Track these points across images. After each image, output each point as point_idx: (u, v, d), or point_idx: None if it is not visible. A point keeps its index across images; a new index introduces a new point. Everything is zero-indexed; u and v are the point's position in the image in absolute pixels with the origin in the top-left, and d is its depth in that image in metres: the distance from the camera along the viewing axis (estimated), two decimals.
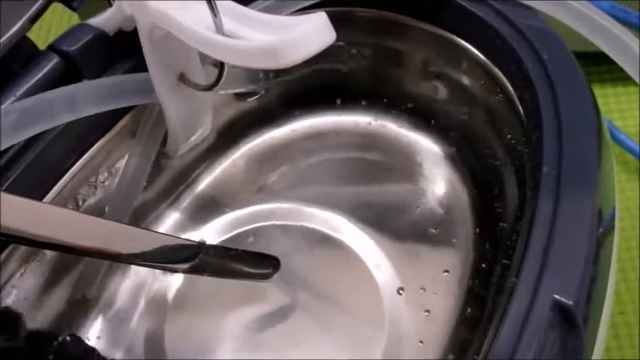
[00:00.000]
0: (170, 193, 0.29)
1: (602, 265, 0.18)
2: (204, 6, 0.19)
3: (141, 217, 0.27)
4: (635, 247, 0.31)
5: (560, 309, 0.17)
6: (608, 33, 0.20)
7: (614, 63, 0.24)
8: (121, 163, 0.26)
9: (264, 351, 0.26)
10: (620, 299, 0.29)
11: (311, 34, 0.17)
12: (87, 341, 0.26)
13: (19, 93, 0.22)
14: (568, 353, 0.17)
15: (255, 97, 0.29)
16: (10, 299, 0.24)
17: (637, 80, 0.21)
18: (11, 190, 0.21)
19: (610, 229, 0.19)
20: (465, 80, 0.26)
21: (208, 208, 0.29)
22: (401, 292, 0.25)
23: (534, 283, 0.17)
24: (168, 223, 0.29)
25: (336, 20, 0.23)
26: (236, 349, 0.25)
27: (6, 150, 0.21)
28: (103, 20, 0.23)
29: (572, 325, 0.17)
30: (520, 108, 0.22)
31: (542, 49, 0.21)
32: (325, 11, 0.22)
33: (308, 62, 0.18)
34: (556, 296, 0.16)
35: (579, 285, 0.17)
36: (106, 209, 0.26)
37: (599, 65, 0.35)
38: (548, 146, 0.19)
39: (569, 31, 0.22)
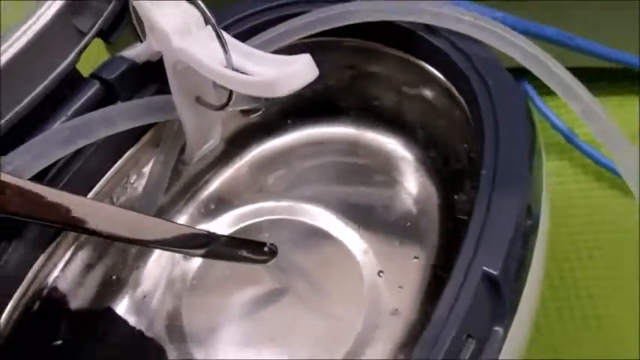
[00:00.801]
0: (186, 193, 0.31)
1: (529, 250, 0.21)
2: (218, 45, 0.21)
3: (163, 212, 0.29)
4: (591, 240, 0.33)
5: (488, 279, 0.19)
6: (529, 55, 0.23)
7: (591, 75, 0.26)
8: (147, 168, 0.28)
9: (261, 324, 0.27)
10: (566, 285, 0.31)
11: (299, 72, 0.19)
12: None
13: (69, 113, 0.24)
14: (497, 322, 0.20)
15: (258, 113, 0.31)
16: (59, 282, 0.26)
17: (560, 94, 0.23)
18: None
19: (536, 223, 0.22)
20: (432, 98, 0.27)
21: (217, 205, 0.31)
22: (381, 274, 0.27)
23: (469, 261, 0.19)
24: (184, 217, 0.30)
25: (326, 47, 0.27)
26: (239, 324, 0.27)
27: (57, 160, 0.23)
28: (135, 53, 0.25)
29: (498, 293, 0.19)
30: (472, 122, 0.24)
31: (486, 75, 0.23)
32: (317, 40, 0.26)
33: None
34: (485, 268, 0.19)
35: (504, 259, 0.19)
36: (136, 206, 0.27)
37: None
38: (488, 153, 0.22)
39: None
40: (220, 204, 0.31)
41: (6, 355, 0.23)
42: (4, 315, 0.23)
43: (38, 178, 0.22)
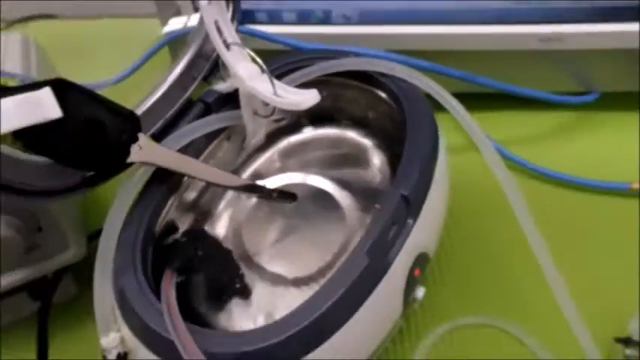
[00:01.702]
0: (242, 166, 0.41)
1: (428, 187, 0.32)
2: (270, 84, 0.33)
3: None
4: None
5: (404, 197, 0.30)
6: (434, 91, 0.35)
7: (496, 99, 0.44)
8: (223, 152, 0.38)
9: (285, 244, 0.36)
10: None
11: (310, 98, 0.31)
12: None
13: (188, 119, 0.35)
14: (409, 217, 0.30)
15: (285, 120, 0.41)
16: (175, 215, 0.36)
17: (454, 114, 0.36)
18: None
19: (432, 174, 0.32)
20: (384, 111, 0.37)
21: (259, 175, 0.40)
22: (357, 213, 0.36)
23: (395, 190, 0.30)
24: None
25: (323, 82, 0.37)
26: (271, 245, 0.36)
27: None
28: (221, 87, 0.36)
29: (409, 203, 0.30)
30: (403, 124, 0.33)
31: (410, 98, 0.35)
32: (318, 79, 0.36)
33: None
34: (402, 192, 0.30)
35: (412, 189, 0.30)
36: (220, 169, 0.35)
37: (484, 100, 0.48)
38: (408, 144, 0.32)
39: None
40: (260, 174, 0.40)
41: (160, 243, 0.34)
42: (157, 227, 0.34)
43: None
